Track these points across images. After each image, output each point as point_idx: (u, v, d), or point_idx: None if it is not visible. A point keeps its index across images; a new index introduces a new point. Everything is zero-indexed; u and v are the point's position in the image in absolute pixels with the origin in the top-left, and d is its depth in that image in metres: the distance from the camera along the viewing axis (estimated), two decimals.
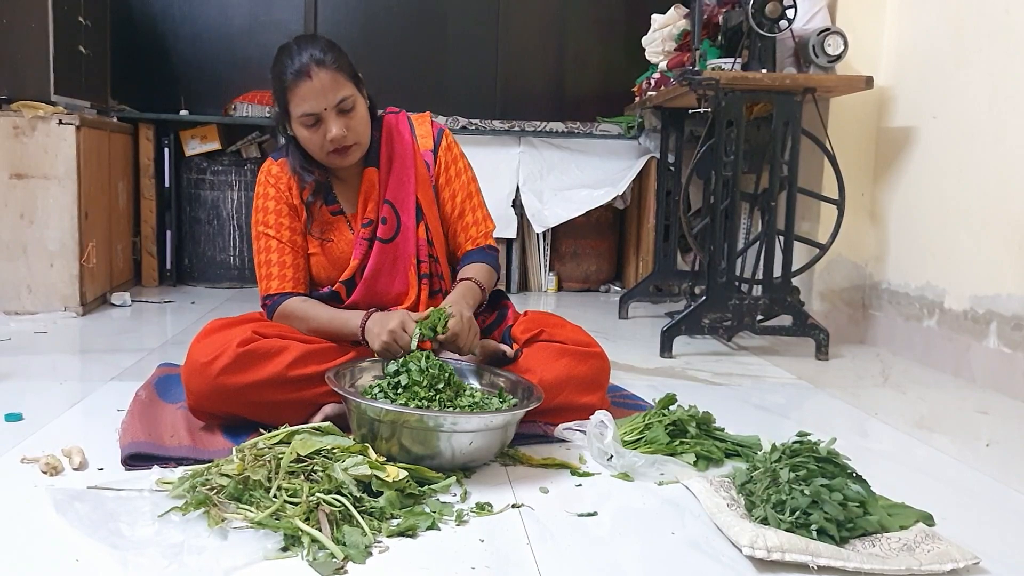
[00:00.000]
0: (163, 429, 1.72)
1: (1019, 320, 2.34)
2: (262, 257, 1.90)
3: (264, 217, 1.90)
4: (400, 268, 1.91)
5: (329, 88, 1.74)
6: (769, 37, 2.72)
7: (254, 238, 1.93)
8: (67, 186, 3.10)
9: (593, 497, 1.48)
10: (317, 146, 1.80)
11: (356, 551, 1.20)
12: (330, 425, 1.53)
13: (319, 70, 1.74)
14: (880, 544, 1.27)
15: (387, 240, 1.90)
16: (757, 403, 2.21)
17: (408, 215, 1.91)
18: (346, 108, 1.77)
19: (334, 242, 1.91)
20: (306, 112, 1.75)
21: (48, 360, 2.50)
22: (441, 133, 2.01)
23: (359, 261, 1.89)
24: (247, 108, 4.02)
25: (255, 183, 1.96)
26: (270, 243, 1.89)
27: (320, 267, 1.93)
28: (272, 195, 1.90)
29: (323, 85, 1.74)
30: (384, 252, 1.90)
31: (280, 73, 1.77)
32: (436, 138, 1.99)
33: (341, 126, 1.77)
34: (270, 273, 1.88)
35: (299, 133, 1.80)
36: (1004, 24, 2.46)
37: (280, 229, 1.89)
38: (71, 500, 1.31)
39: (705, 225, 2.93)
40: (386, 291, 1.90)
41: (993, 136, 2.49)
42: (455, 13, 4.56)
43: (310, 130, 1.78)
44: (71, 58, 3.32)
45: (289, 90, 1.76)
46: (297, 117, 1.77)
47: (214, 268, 4.06)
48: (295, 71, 1.74)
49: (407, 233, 1.91)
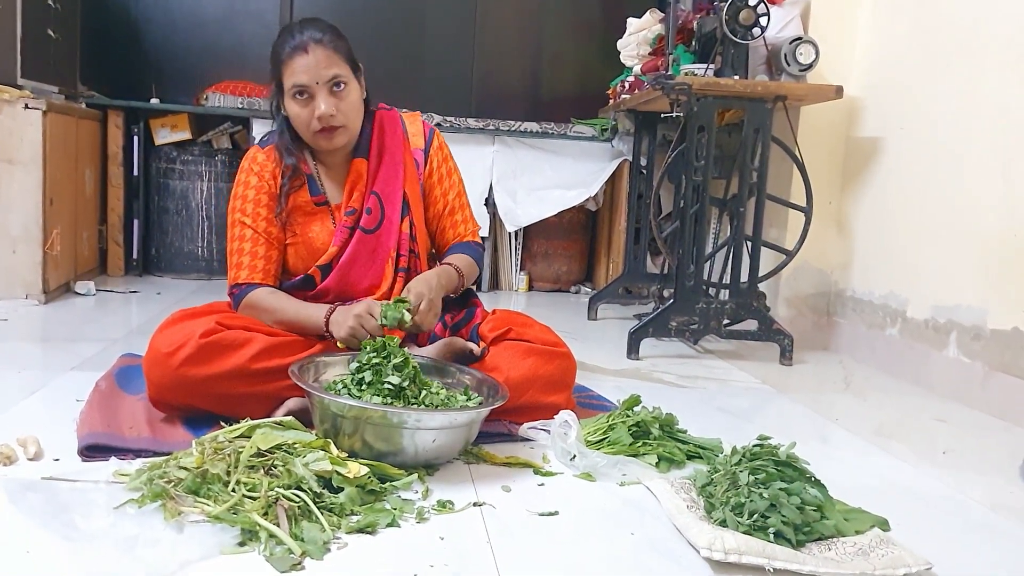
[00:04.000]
0: (122, 420, 1.69)
1: (978, 330, 2.39)
2: (235, 245, 1.89)
3: (242, 204, 1.89)
4: (377, 259, 1.91)
5: (323, 64, 1.79)
6: (742, 44, 2.75)
7: (229, 224, 1.92)
8: (32, 171, 3.05)
9: (555, 496, 1.49)
10: (305, 123, 1.82)
11: (314, 547, 1.19)
12: (292, 420, 1.52)
13: (316, 46, 1.79)
14: (836, 548, 1.29)
15: (369, 230, 1.91)
16: (720, 406, 2.23)
17: (393, 208, 1.92)
18: (338, 87, 1.81)
19: (315, 233, 1.91)
20: (297, 83, 1.79)
21: (7, 348, 2.46)
22: (432, 133, 2.04)
23: (338, 248, 1.90)
24: (219, 98, 3.97)
25: (235, 170, 1.97)
26: (245, 231, 1.88)
27: (297, 257, 1.92)
28: (254, 183, 1.90)
29: (317, 60, 1.78)
30: (364, 241, 1.90)
31: (279, 48, 1.82)
32: (427, 137, 2.02)
33: (331, 104, 1.80)
34: (240, 262, 1.87)
35: (290, 108, 1.83)
36: (972, 38, 2.51)
37: (257, 219, 1.88)
38: (24, 490, 1.28)
39: (675, 229, 2.95)
40: (358, 280, 1.90)
41: (959, 149, 2.53)
42: (433, 10, 4.55)
43: (300, 105, 1.81)
44: (39, 42, 3.26)
45: (284, 63, 1.80)
46: (288, 89, 1.80)
47: (181, 259, 4.01)
48: (293, 46, 1.79)
49: (390, 226, 1.92)
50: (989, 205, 2.39)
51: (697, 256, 2.79)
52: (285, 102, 1.84)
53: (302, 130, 1.85)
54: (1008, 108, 2.34)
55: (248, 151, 1.95)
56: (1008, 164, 2.33)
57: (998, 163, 2.36)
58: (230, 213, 1.92)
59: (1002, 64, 2.37)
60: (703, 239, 2.80)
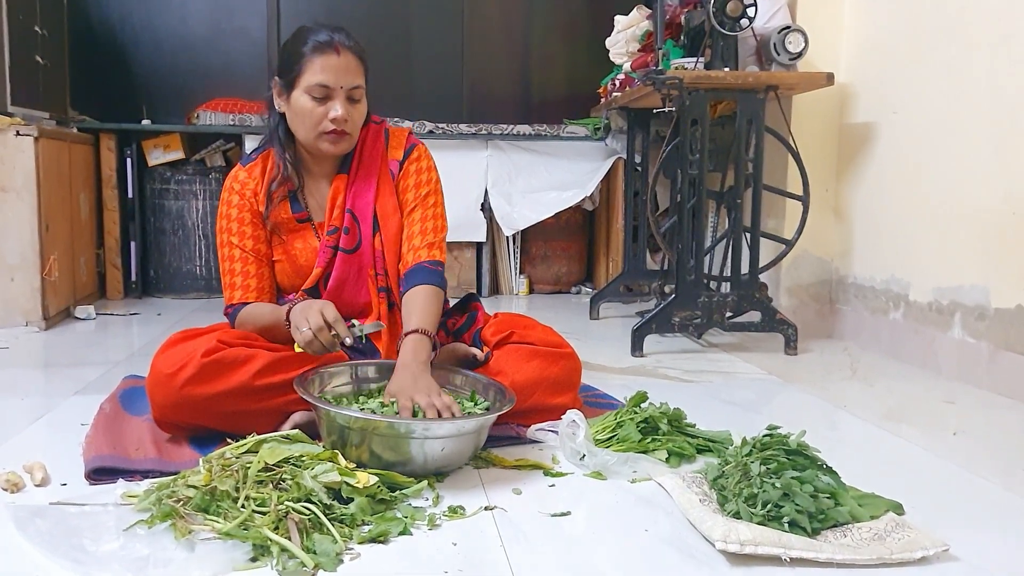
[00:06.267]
0: (128, 442, 1.68)
1: (982, 310, 2.38)
2: (226, 266, 1.89)
3: (228, 224, 1.89)
4: (363, 279, 1.89)
5: (351, 70, 1.77)
6: (731, 36, 2.74)
7: (218, 245, 1.91)
8: (26, 198, 3.04)
9: (566, 497, 1.48)
10: (315, 122, 1.78)
11: (327, 559, 1.18)
12: (299, 433, 1.51)
13: (346, 51, 1.77)
14: (851, 534, 1.28)
15: (349, 251, 1.88)
16: (727, 399, 2.22)
17: (366, 225, 1.89)
18: (355, 98, 1.80)
19: (299, 250, 1.89)
20: (321, 83, 1.75)
21: (9, 375, 2.45)
22: (414, 146, 1.96)
23: (322, 269, 1.87)
24: (210, 116, 3.97)
25: (221, 190, 1.94)
26: (233, 252, 1.88)
27: (284, 274, 1.91)
28: (236, 202, 1.88)
29: (347, 64, 1.76)
30: (348, 262, 1.88)
31: (299, 42, 1.78)
32: (407, 148, 1.95)
33: (347, 110, 1.77)
34: (233, 283, 1.87)
35: (300, 103, 1.77)
36: (959, 20, 2.50)
37: (243, 238, 1.87)
38: (32, 516, 1.28)
39: (673, 224, 2.94)
40: (352, 301, 1.88)
41: (951, 129, 2.53)
42: (419, 19, 4.55)
43: (315, 102, 1.77)
44: (28, 68, 3.26)
45: (307, 57, 1.75)
46: (308, 86, 1.76)
47: (180, 279, 4.01)
48: (321, 42, 1.75)
49: (366, 245, 1.89)
50: (985, 184, 2.38)
51: (696, 250, 2.79)
52: (294, 96, 1.78)
53: (308, 127, 1.79)
54: (998, 86, 2.34)
55: (230, 171, 1.93)
56: (1001, 141, 2.32)
57: (991, 141, 2.36)
58: (217, 235, 1.91)
59: (990, 41, 2.37)
60: (702, 233, 2.80)
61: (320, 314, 1.62)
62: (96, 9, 4.29)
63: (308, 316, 1.63)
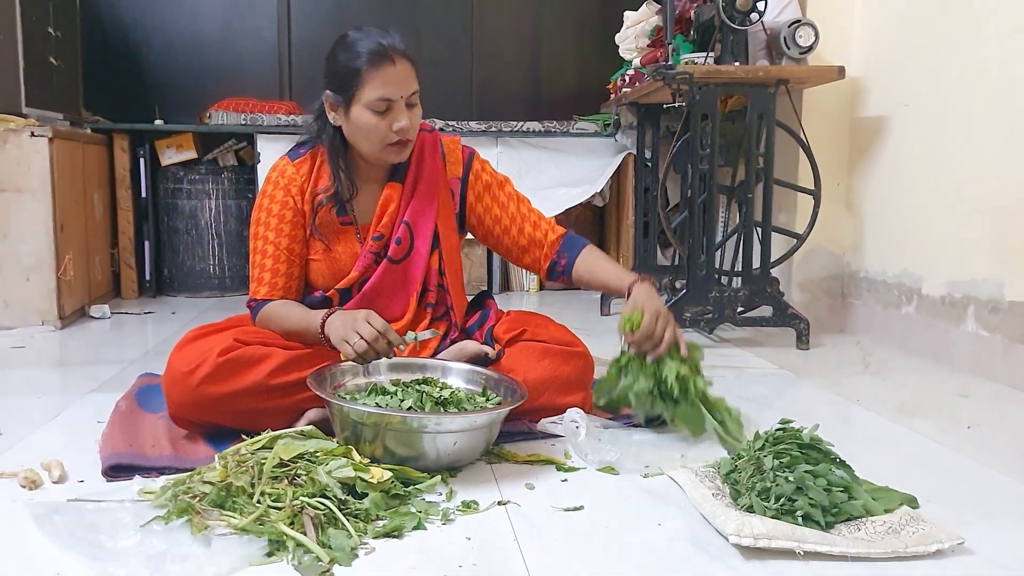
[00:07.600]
0: (144, 439, 1.70)
1: (996, 303, 2.37)
2: (256, 259, 1.85)
3: (267, 218, 1.84)
4: (403, 291, 1.87)
5: (408, 77, 1.75)
6: (741, 30, 2.74)
7: (251, 235, 1.87)
8: (41, 199, 3.07)
9: (579, 491, 1.48)
10: (381, 135, 1.75)
11: (342, 553, 1.19)
12: (313, 429, 1.52)
13: (401, 58, 1.73)
14: (865, 528, 1.28)
15: (396, 260, 1.86)
16: (740, 394, 2.21)
17: (423, 240, 1.87)
18: (413, 103, 1.78)
19: (339, 252, 1.87)
20: (385, 96, 1.72)
21: (26, 374, 2.47)
22: (471, 159, 1.96)
23: (360, 273, 1.85)
24: (223, 116, 3.98)
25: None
26: (267, 247, 1.84)
27: (319, 273, 1.88)
28: (279, 197, 1.83)
29: (406, 73, 1.74)
30: (391, 272, 1.86)
31: (353, 54, 1.72)
32: (465, 164, 1.95)
33: (409, 118, 1.76)
34: (261, 277, 1.84)
35: (363, 120, 1.74)
36: (970, 11, 2.49)
37: (280, 235, 1.83)
38: (50, 513, 1.29)
39: (683, 219, 2.94)
40: (382, 310, 1.81)
41: (963, 121, 2.51)
42: (429, 16, 4.56)
43: (378, 116, 1.73)
44: (42, 69, 3.28)
45: (366, 71, 1.71)
46: (371, 100, 1.72)
47: (194, 278, 4.03)
48: (377, 52, 1.71)
49: (418, 258, 1.87)
50: (998, 176, 2.37)
51: (707, 245, 2.78)
52: (353, 112, 1.74)
53: (373, 142, 1.76)
54: (1012, 77, 2.32)
55: (276, 162, 1.87)
56: (1013, 133, 2.31)
57: (1004, 133, 2.34)
58: (253, 224, 1.87)
59: (1003, 32, 2.35)
60: (712, 228, 2.79)
61: (367, 323, 1.61)
62: (109, 10, 4.32)
63: (357, 328, 1.61)
